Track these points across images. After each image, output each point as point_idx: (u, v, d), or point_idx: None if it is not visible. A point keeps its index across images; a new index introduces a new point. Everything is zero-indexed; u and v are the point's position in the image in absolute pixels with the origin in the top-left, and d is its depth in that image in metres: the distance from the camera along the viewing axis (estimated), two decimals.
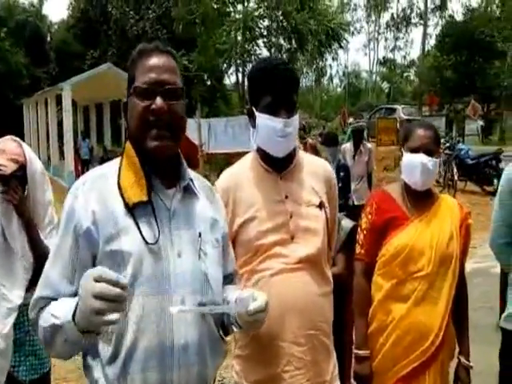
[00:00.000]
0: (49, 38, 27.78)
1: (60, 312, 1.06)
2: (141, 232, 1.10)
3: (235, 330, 1.29)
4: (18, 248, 1.79)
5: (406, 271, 1.75)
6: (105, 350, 1.10)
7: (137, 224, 1.11)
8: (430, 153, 1.79)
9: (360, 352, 1.82)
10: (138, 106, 1.14)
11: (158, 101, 1.13)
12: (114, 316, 0.94)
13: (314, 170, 1.62)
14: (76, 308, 1.01)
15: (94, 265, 1.11)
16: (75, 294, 1.06)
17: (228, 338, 1.34)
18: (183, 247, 1.16)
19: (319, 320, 1.53)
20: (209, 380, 1.20)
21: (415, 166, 1.78)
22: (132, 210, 1.12)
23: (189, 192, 1.23)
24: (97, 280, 0.95)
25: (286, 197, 1.55)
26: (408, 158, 1.82)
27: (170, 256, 1.13)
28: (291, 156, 1.58)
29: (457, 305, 1.80)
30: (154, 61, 1.17)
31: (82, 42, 25.25)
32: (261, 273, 1.51)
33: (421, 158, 1.78)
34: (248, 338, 1.52)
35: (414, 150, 1.80)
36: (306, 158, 1.66)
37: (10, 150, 1.84)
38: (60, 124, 14.78)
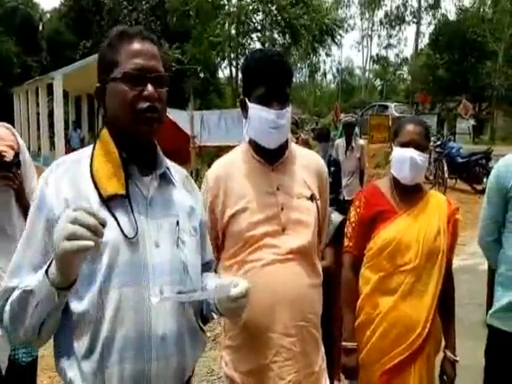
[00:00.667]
0: (41, 27, 27.39)
1: (29, 281, 1.03)
2: (120, 226, 1.08)
3: (215, 316, 1.28)
4: (16, 234, 1.78)
5: (393, 264, 1.77)
6: (80, 345, 1.07)
7: (114, 217, 1.08)
8: (419, 148, 1.80)
9: (347, 344, 1.84)
10: (128, 92, 1.11)
11: (150, 88, 1.12)
12: (87, 242, 0.89)
13: (306, 162, 1.62)
14: (50, 264, 0.98)
15: None
16: None
17: (218, 331, 1.34)
18: (161, 236, 1.14)
19: (309, 311, 1.54)
20: (187, 371, 1.19)
21: (404, 161, 1.80)
22: (107, 201, 1.09)
23: (165, 180, 1.21)
24: (73, 223, 0.91)
25: (278, 189, 1.55)
26: (398, 153, 1.83)
27: (148, 245, 1.11)
28: (283, 148, 1.58)
29: (443, 299, 1.82)
30: (140, 46, 1.14)
31: (74, 32, 24.95)
32: (251, 263, 1.51)
33: (410, 152, 1.79)
34: (238, 328, 1.53)
35: (404, 145, 1.82)
36: (298, 151, 1.65)
37: (6, 137, 1.85)
38: (51, 114, 14.63)
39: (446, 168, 9.63)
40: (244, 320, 1.48)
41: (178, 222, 1.18)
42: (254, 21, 19.28)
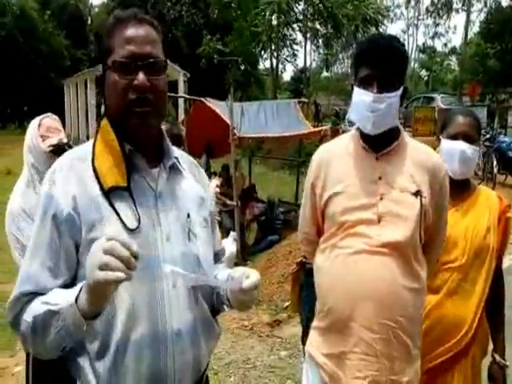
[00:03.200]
0: (89, 21, 28.29)
1: (57, 299, 0.98)
2: (120, 218, 1.03)
3: (226, 309, 1.25)
4: None
5: (439, 261, 1.70)
6: (93, 345, 1.03)
7: (115, 210, 1.03)
8: (469, 140, 1.73)
9: None
10: (118, 82, 1.05)
11: (141, 76, 1.04)
12: (120, 274, 0.85)
13: (419, 158, 1.53)
14: (80, 291, 0.94)
15: (77, 255, 1.04)
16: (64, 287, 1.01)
17: (254, 320, 1.34)
18: (172, 230, 1.09)
19: (399, 314, 1.44)
20: (203, 363, 1.17)
21: (454, 153, 1.72)
22: (109, 194, 1.04)
23: (174, 171, 1.16)
24: (106, 253, 0.87)
25: (380, 178, 1.49)
26: (446, 145, 1.76)
27: (158, 240, 1.07)
28: (392, 137, 1.52)
29: (492, 300, 1.75)
30: (133, 31, 1.06)
31: None
32: (341, 249, 1.49)
33: (460, 144, 1.72)
34: (325, 311, 1.52)
35: (453, 137, 1.74)
36: (412, 145, 1.57)
37: (61, 129, 2.09)
38: (99, 105, 15.12)
39: (495, 163, 9.21)
40: (329, 304, 1.50)
41: (188, 215, 1.14)
42: (296, 11, 19.06)
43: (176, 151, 1.20)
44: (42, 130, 2.05)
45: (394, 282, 1.44)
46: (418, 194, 1.48)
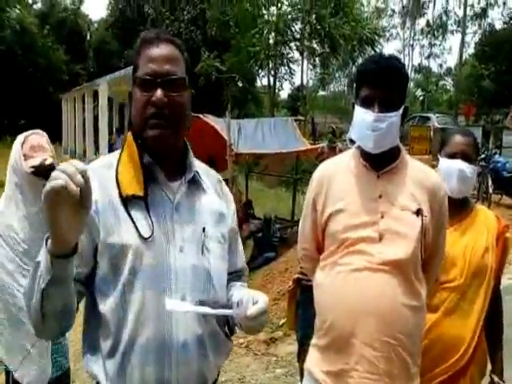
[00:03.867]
0: (88, 37, 28.58)
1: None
2: (135, 225, 1.08)
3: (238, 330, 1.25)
4: None
5: (437, 280, 1.69)
6: (105, 344, 1.08)
7: (131, 217, 1.09)
8: (468, 159, 1.74)
9: None
10: (140, 97, 1.13)
11: (158, 93, 1.10)
12: (60, 181, 0.86)
13: (419, 177, 1.54)
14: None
15: (95, 258, 1.08)
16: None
17: (250, 338, 1.33)
18: (186, 242, 1.13)
19: (399, 331, 1.43)
20: (210, 376, 1.17)
21: (452, 173, 1.73)
22: (127, 202, 1.09)
23: (195, 185, 1.20)
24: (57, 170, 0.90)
25: (380, 196, 1.50)
26: (445, 164, 1.77)
27: (171, 250, 1.11)
28: (392, 156, 1.54)
29: (490, 320, 1.74)
30: (155, 50, 1.14)
31: (119, 41, 25.86)
32: (342, 267, 1.48)
33: (459, 164, 1.73)
34: (324, 328, 1.51)
35: (452, 156, 1.75)
36: (412, 164, 1.58)
37: (46, 147, 1.90)
38: (96, 119, 15.18)
39: (490, 183, 9.27)
40: (329, 322, 1.49)
41: (204, 229, 1.16)
42: (293, 30, 19.34)
43: (198, 165, 1.24)
44: (25, 148, 1.88)
45: (395, 299, 1.44)
46: (418, 212, 1.48)
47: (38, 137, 1.92)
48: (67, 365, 1.97)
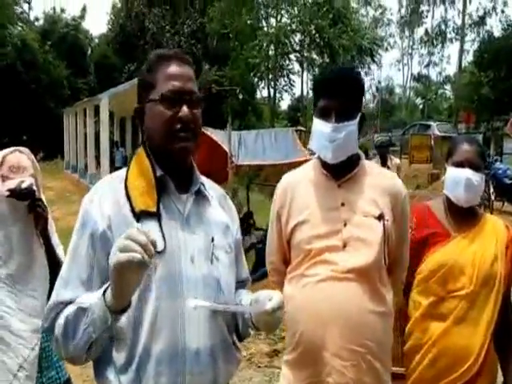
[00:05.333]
0: (89, 51, 28.87)
1: (87, 298, 1.06)
2: None
3: (251, 332, 1.29)
4: (41, 268, 1.78)
5: (445, 289, 1.69)
6: (119, 357, 1.08)
7: None
8: (474, 168, 1.73)
9: (397, 369, 1.75)
10: (164, 113, 1.15)
11: (185, 109, 1.15)
12: (139, 255, 0.92)
13: (379, 182, 1.57)
14: (106, 288, 1.01)
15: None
16: None
17: (253, 350, 1.34)
18: (196, 252, 1.15)
19: (368, 339, 1.45)
20: None
21: (459, 181, 1.72)
22: (139, 216, 1.12)
23: (201, 196, 1.23)
24: (127, 238, 0.95)
25: (343, 204, 1.51)
26: (452, 173, 1.76)
27: (183, 261, 1.13)
28: (352, 164, 1.55)
29: (501, 329, 1.71)
30: (177, 69, 1.18)
31: (120, 56, 26.11)
32: (308, 278, 1.49)
33: (466, 172, 1.72)
34: (294, 342, 1.51)
35: (459, 165, 1.75)
36: (372, 170, 1.61)
37: (27, 166, 1.84)
38: (97, 134, 15.25)
39: (492, 190, 9.25)
40: (298, 335, 1.49)
41: (213, 239, 1.20)
42: (293, 41, 19.49)
43: (203, 178, 1.28)
44: (3, 169, 1.78)
45: (362, 306, 1.45)
46: (380, 217, 1.50)
47: (17, 156, 1.83)
48: (65, 377, 1.95)
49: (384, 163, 5.77)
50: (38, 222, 1.82)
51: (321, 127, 1.50)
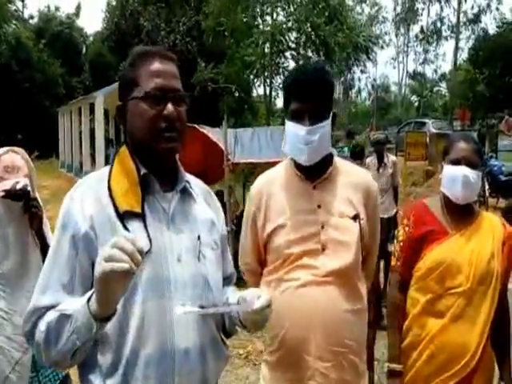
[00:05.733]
0: (84, 50, 28.72)
1: (70, 305, 1.02)
2: None
3: (238, 329, 1.28)
4: (36, 269, 1.78)
5: (442, 286, 1.70)
6: (104, 361, 1.05)
7: (129, 232, 1.07)
8: (471, 165, 1.73)
9: (394, 366, 1.77)
10: (148, 111, 1.12)
11: (170, 107, 1.13)
12: (124, 265, 0.89)
13: (352, 179, 1.58)
14: (92, 294, 0.98)
15: (93, 273, 1.03)
16: None
17: (249, 348, 1.34)
18: (183, 251, 1.14)
19: (347, 337, 1.48)
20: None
21: (456, 179, 1.73)
22: (123, 217, 1.09)
23: (186, 194, 1.21)
24: (112, 247, 0.92)
25: (319, 206, 1.51)
26: (449, 170, 1.77)
27: (170, 261, 1.11)
28: (326, 165, 1.55)
29: (498, 327, 1.73)
30: (160, 66, 1.15)
31: (115, 54, 25.97)
32: (288, 282, 1.49)
33: (462, 170, 1.73)
34: (276, 344, 1.51)
35: (455, 162, 1.75)
36: (344, 168, 1.61)
37: (21, 166, 1.84)
38: (92, 132, 15.19)
39: (487, 186, 9.30)
40: (280, 338, 1.49)
41: (199, 237, 1.18)
42: (288, 39, 19.45)
43: (188, 176, 1.26)
44: None
45: (341, 308, 1.47)
46: (356, 217, 1.52)
47: (11, 156, 1.84)
48: (63, 373, 1.94)
49: (381, 160, 5.77)
50: (33, 221, 1.81)
51: (295, 130, 1.49)
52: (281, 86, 21.59)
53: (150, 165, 1.16)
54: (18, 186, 1.76)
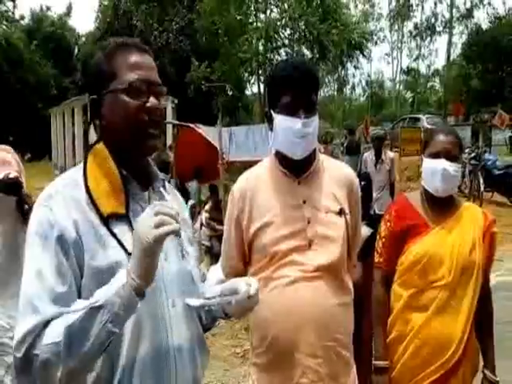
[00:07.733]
0: (76, 50, 28.57)
1: (92, 299, 0.94)
2: (121, 243, 1.04)
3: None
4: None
5: (425, 280, 1.71)
6: (101, 364, 1.01)
7: (114, 236, 1.04)
8: (451, 158, 1.74)
9: (379, 363, 1.77)
10: (131, 103, 1.07)
11: (153, 100, 1.09)
12: (176, 225, 0.94)
13: (335, 174, 1.58)
14: (125, 275, 0.94)
15: (81, 278, 1.01)
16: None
17: (247, 346, 1.33)
18: (168, 249, 1.12)
19: (337, 331, 1.48)
20: (201, 380, 1.19)
21: (436, 172, 1.73)
22: (107, 220, 1.04)
23: (160, 193, 1.19)
24: (156, 214, 0.95)
25: (304, 202, 1.51)
26: (428, 164, 1.77)
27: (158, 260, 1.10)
28: (310, 160, 1.55)
29: (481, 317, 1.74)
30: (140, 58, 1.11)
31: None
32: (276, 281, 1.48)
33: (442, 163, 1.73)
34: (264, 346, 1.50)
35: (435, 155, 1.75)
36: (327, 163, 1.61)
37: (11, 161, 1.87)
38: (86, 133, 15.12)
39: (481, 181, 9.34)
40: (270, 338, 1.47)
41: (180, 234, 1.15)
42: (282, 36, 19.45)
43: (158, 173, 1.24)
44: None
45: (330, 303, 1.47)
46: (341, 212, 1.52)
47: (1, 153, 1.89)
48: None
49: (379, 156, 5.77)
50: (27, 218, 1.80)
51: (289, 124, 1.47)
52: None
53: (128, 163, 1.12)
54: (11, 176, 1.79)
